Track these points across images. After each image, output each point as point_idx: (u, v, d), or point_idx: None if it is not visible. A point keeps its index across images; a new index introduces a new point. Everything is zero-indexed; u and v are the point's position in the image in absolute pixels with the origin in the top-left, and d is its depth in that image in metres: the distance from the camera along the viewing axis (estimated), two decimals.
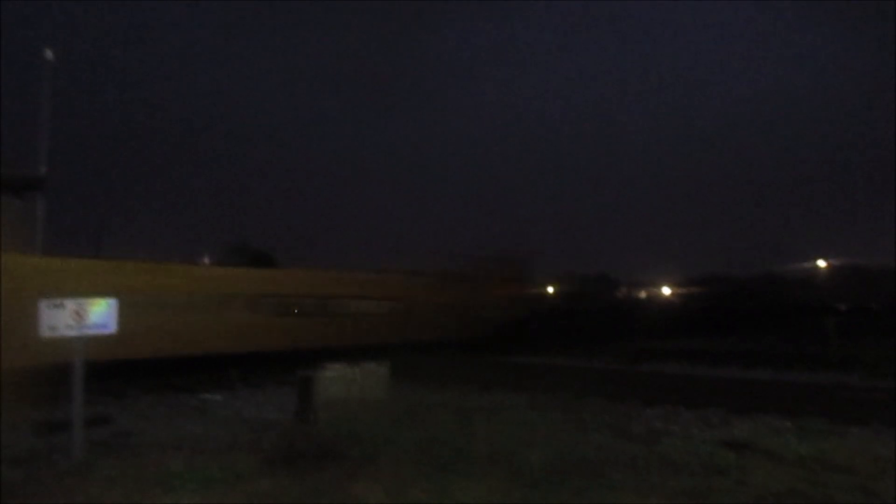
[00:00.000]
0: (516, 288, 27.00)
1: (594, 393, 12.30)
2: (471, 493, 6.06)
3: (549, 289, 30.49)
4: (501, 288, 25.86)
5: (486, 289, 24.87)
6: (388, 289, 21.48)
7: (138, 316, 13.64)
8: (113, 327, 8.03)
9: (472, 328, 22.54)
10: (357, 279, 21.21)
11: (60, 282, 13.90)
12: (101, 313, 7.89)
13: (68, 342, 7.76)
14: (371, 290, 20.93)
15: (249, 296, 17.62)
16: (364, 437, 8.37)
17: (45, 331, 7.56)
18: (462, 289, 23.83)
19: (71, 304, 7.68)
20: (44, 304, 7.58)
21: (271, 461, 7.28)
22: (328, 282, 20.11)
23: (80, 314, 7.70)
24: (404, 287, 21.91)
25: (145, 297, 15.05)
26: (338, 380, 11.07)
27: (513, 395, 12.47)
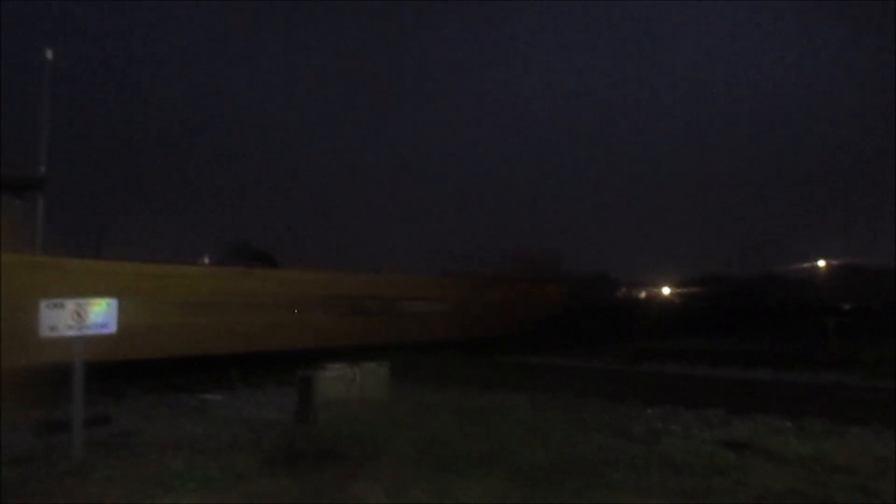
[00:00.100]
0: (551, 288, 29.32)
1: (594, 393, 12.31)
2: (471, 493, 6.06)
3: (578, 288, 32.78)
4: (538, 288, 28.32)
5: (525, 289, 27.23)
6: (442, 290, 23.49)
7: (231, 314, 16.10)
8: (113, 327, 7.93)
9: (515, 325, 24.61)
10: (415, 282, 23.47)
11: (161, 287, 15.75)
12: (102, 313, 7.83)
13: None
14: (427, 291, 22.97)
15: (324, 297, 19.10)
16: (364, 437, 8.37)
17: (45, 331, 7.51)
18: (505, 289, 25.98)
19: (71, 304, 7.64)
20: (44, 304, 7.55)
21: (271, 461, 7.29)
22: (390, 284, 22.08)
23: (80, 314, 7.67)
24: (456, 288, 24.00)
25: (239, 299, 16.83)
26: (338, 380, 11.05)
27: (513, 395, 12.48)
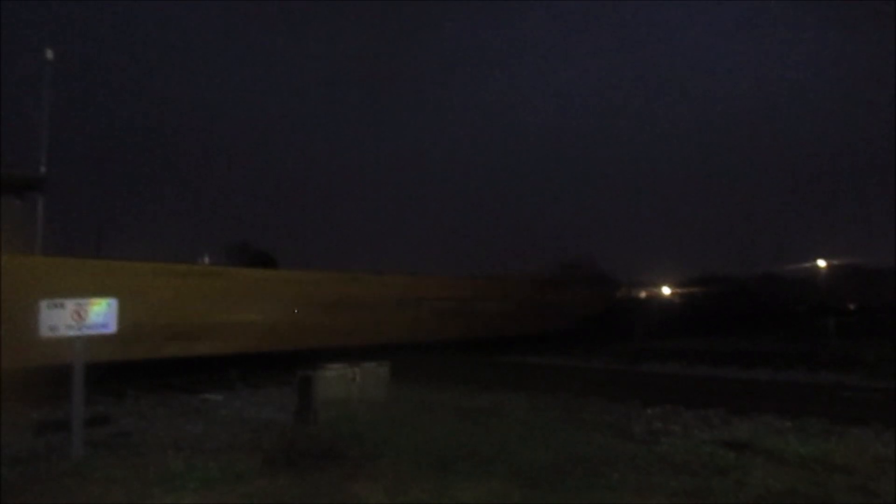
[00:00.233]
0: (594, 289, 33.38)
1: (594, 393, 12.31)
2: (471, 493, 6.06)
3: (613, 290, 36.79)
4: (582, 289, 32.05)
5: (571, 290, 30.93)
6: (504, 291, 27.15)
7: (345, 314, 19.91)
8: (113, 327, 7.92)
9: (563, 323, 28.01)
10: (481, 284, 27.22)
11: (277, 291, 19.10)
12: (101, 313, 7.82)
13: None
14: (492, 292, 26.53)
15: (415, 298, 22.75)
16: (364, 437, 8.37)
17: (45, 331, 7.50)
18: (554, 290, 29.66)
19: (71, 304, 7.63)
20: (44, 304, 7.53)
21: (271, 461, 7.28)
22: (463, 287, 25.74)
23: (80, 314, 7.65)
24: (514, 290, 27.70)
25: (351, 300, 20.37)
26: (338, 380, 11.05)
27: (513, 395, 12.47)
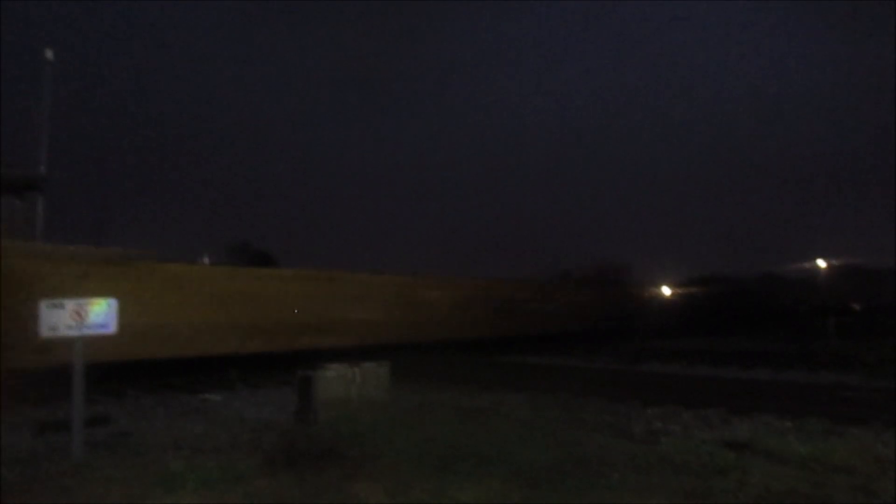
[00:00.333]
0: (624, 290, 36.89)
1: (594, 393, 12.31)
2: (471, 493, 6.06)
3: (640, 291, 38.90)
4: (614, 290, 35.64)
5: (606, 290, 34.43)
6: (550, 293, 30.20)
7: (429, 311, 23.23)
8: (113, 327, 7.92)
9: (597, 320, 30.47)
10: (531, 286, 30.46)
11: (379, 294, 21.74)
12: (102, 313, 7.82)
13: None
14: (540, 294, 29.27)
15: (477, 299, 25.61)
16: (364, 437, 8.37)
17: (45, 331, 7.50)
18: (591, 291, 33.34)
19: (71, 304, 7.63)
20: (44, 305, 7.53)
21: (271, 461, 7.28)
22: (515, 289, 28.71)
23: (80, 314, 7.65)
24: (559, 291, 31.00)
25: (428, 300, 23.53)
26: (338, 380, 11.07)
27: (513, 395, 12.48)
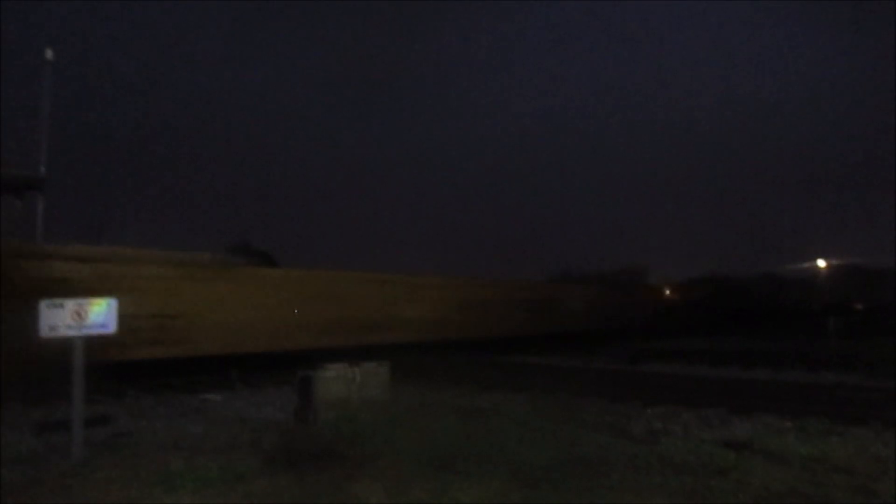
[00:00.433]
0: (646, 291, 39.33)
1: (594, 393, 12.31)
2: (471, 493, 6.06)
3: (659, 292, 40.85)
4: (636, 291, 37.86)
5: (627, 292, 36.22)
6: (578, 294, 31.77)
7: (478, 312, 24.48)
8: (113, 327, 7.91)
9: (620, 320, 31.94)
10: (559, 287, 33.28)
11: (430, 295, 22.84)
12: (101, 313, 7.81)
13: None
14: (566, 295, 30.83)
15: (514, 300, 26.98)
16: (364, 437, 8.37)
17: (45, 331, 7.50)
18: (614, 292, 34.72)
19: (71, 304, 7.62)
20: (44, 304, 7.53)
21: (271, 461, 7.28)
22: (546, 290, 30.92)
23: (80, 314, 7.65)
24: (586, 293, 32.46)
25: (474, 302, 24.72)
26: (338, 380, 11.06)
27: (513, 395, 12.47)
